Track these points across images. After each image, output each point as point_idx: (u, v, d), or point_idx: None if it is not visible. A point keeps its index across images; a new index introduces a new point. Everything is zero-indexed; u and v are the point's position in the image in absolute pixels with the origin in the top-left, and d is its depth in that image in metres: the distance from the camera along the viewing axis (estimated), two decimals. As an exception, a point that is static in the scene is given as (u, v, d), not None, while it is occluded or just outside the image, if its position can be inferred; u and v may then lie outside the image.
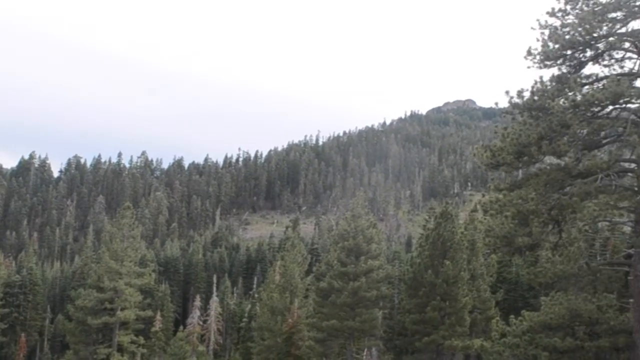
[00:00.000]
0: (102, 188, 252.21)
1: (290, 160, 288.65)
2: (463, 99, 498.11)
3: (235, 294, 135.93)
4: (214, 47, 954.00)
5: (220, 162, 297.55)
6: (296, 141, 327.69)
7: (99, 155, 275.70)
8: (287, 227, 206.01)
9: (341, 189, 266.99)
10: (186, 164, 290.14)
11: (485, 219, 26.81)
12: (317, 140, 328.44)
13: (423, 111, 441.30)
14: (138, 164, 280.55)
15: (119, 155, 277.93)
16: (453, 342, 55.19)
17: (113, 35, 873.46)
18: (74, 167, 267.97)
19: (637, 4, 25.17)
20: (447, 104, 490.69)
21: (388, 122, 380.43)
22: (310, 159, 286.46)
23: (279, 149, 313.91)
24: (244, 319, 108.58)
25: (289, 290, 70.77)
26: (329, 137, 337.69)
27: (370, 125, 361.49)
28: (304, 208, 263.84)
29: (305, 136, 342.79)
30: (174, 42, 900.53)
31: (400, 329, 62.08)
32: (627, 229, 27.34)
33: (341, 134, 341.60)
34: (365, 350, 66.44)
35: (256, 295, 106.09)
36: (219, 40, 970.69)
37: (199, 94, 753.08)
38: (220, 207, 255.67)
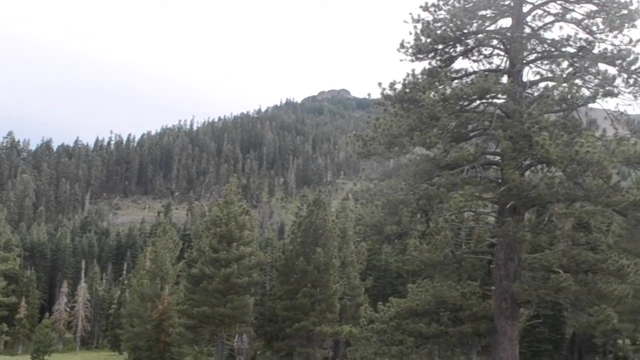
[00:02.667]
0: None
1: (164, 144, 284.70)
2: (338, 88, 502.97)
3: (104, 280, 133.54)
4: (90, 23, 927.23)
5: (91, 144, 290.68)
6: (170, 126, 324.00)
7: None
8: (159, 213, 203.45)
9: (215, 175, 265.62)
10: (55, 145, 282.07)
11: (356, 207, 27.29)
12: (191, 125, 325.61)
13: (298, 99, 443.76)
14: (4, 144, 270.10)
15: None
16: (323, 328, 56.02)
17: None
18: None
19: (506, 3, 26.06)
20: (322, 93, 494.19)
21: (263, 109, 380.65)
22: (184, 144, 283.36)
23: (153, 133, 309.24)
24: (113, 306, 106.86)
25: (160, 276, 69.91)
26: (204, 122, 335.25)
27: (245, 112, 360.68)
28: (176, 193, 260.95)
29: (180, 121, 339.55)
30: (45, 12, 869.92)
31: (271, 316, 62.49)
32: (491, 219, 28.27)
33: (216, 120, 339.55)
34: (236, 336, 66.49)
35: (126, 282, 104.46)
36: (97, 16, 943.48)
37: (71, 73, 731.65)
38: (90, 191, 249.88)
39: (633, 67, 24.16)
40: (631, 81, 24.17)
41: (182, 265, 74.53)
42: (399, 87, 25.25)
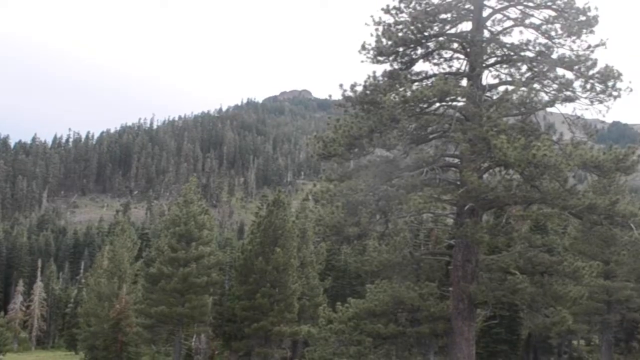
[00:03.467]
0: None
1: (123, 143, 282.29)
2: (299, 89, 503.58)
3: (61, 279, 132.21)
4: (49, 19, 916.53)
5: (50, 142, 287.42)
6: (130, 124, 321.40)
7: None
8: (117, 211, 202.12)
9: (174, 174, 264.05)
10: (12, 142, 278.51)
11: (316, 208, 27.30)
12: (151, 124, 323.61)
13: (259, 99, 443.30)
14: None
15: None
16: (282, 328, 55.96)
17: None
18: None
19: (466, 7, 26.26)
20: (283, 93, 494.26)
21: (224, 109, 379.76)
22: (143, 142, 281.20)
23: (112, 131, 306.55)
24: (70, 305, 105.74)
25: (118, 275, 69.30)
26: (164, 121, 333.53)
27: (206, 111, 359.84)
28: (135, 192, 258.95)
29: (140, 119, 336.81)
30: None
31: (229, 316, 62.20)
32: (450, 220, 28.46)
33: (176, 119, 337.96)
34: (195, 336, 66.15)
35: (83, 281, 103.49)
36: (56, 13, 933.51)
37: (28, 69, 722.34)
38: (48, 189, 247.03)
39: (590, 72, 24.52)
40: (588, 86, 24.52)
41: (140, 265, 73.98)
42: (359, 88, 25.31)
